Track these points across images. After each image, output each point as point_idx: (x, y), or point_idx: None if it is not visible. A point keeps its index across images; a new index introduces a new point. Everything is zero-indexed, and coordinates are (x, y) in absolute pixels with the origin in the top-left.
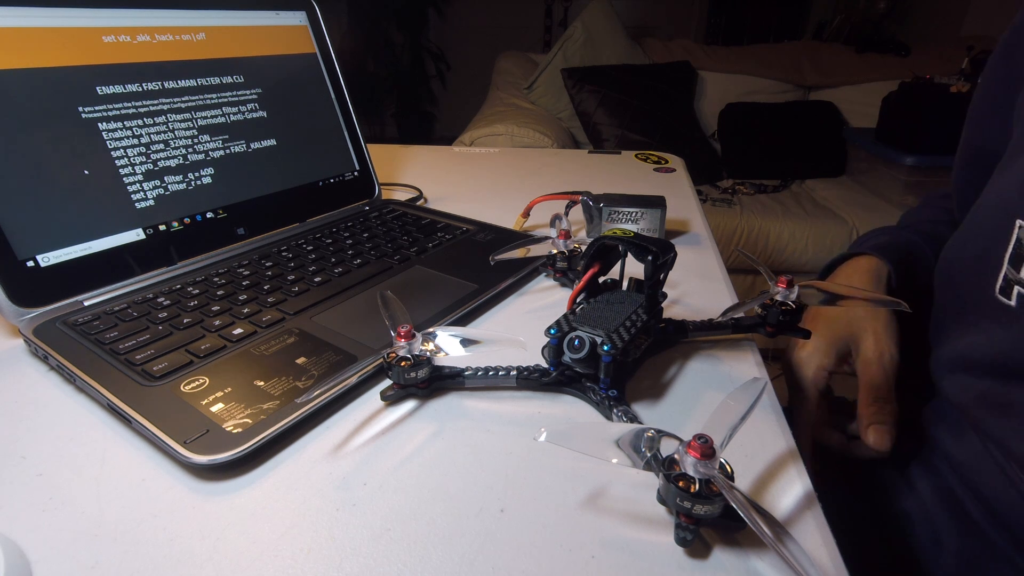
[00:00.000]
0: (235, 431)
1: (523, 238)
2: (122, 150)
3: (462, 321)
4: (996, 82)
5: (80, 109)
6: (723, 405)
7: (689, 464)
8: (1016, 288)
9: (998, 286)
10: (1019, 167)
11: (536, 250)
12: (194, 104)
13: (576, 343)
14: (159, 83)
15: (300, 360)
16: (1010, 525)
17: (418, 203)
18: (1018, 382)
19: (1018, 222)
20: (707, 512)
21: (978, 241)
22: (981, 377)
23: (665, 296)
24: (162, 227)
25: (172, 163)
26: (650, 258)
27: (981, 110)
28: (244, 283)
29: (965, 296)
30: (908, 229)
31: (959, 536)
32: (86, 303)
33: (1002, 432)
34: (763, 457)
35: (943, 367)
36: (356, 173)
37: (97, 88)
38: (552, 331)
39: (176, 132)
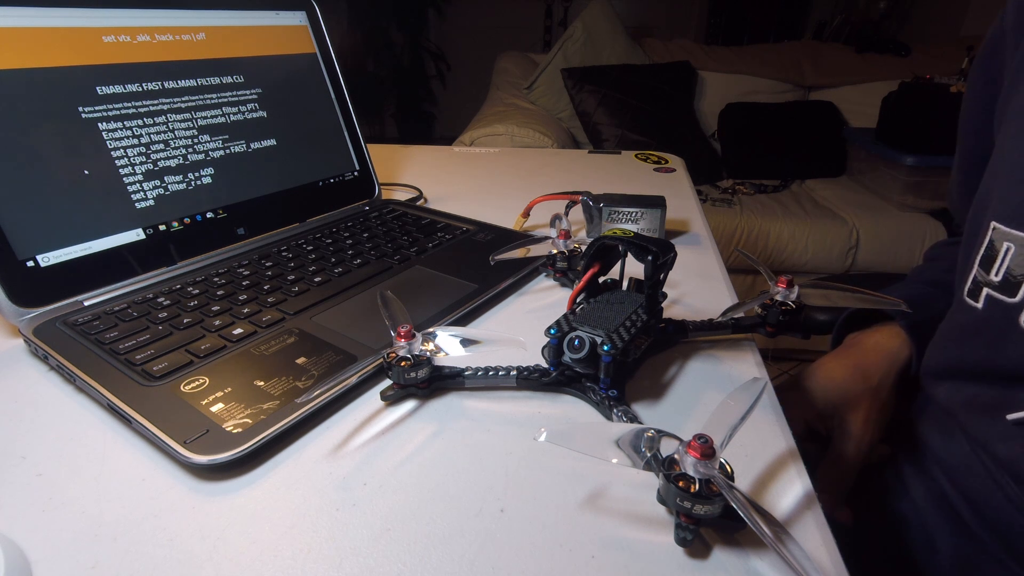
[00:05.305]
0: (235, 431)
1: (523, 238)
2: (122, 150)
3: (462, 321)
4: (980, 87)
5: (80, 109)
6: (723, 405)
7: (689, 464)
8: (985, 290)
9: (966, 288)
10: (996, 169)
11: (536, 250)
12: (194, 104)
13: (576, 343)
14: (159, 83)
15: (300, 360)
16: (999, 527)
17: (418, 203)
18: (1003, 386)
19: (993, 224)
20: (707, 512)
21: (961, 248)
22: (967, 382)
23: (665, 296)
24: (162, 227)
25: (172, 163)
26: (650, 258)
27: (969, 119)
28: (244, 283)
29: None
30: (929, 283)
31: (953, 538)
32: (86, 303)
33: (987, 435)
34: (763, 457)
35: (930, 375)
36: (356, 173)
37: (97, 88)
38: (552, 331)
39: (176, 132)
